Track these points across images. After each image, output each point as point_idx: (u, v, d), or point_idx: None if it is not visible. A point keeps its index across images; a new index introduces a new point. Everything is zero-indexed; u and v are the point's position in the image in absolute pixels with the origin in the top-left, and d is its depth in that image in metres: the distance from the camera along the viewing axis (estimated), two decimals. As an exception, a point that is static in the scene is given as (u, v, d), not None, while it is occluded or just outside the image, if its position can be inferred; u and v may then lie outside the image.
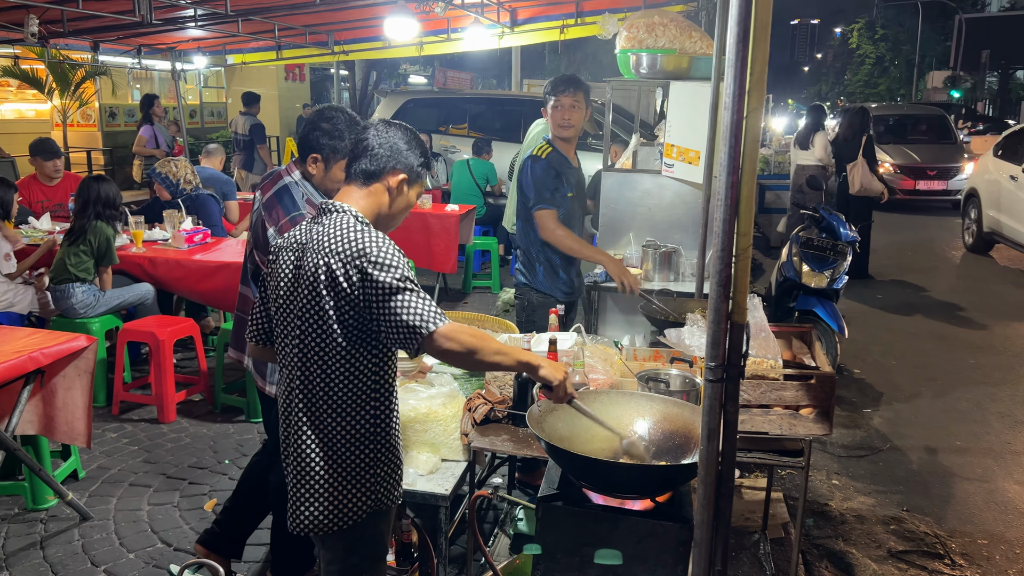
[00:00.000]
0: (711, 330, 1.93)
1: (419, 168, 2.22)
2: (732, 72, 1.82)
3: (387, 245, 2.00)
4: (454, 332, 1.96)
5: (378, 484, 2.13)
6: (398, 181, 2.16)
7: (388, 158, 2.16)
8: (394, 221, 2.27)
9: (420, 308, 1.94)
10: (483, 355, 2.00)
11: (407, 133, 2.23)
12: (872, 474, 4.47)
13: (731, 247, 1.90)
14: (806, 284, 5.58)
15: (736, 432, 2.00)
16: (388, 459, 2.16)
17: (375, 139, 2.17)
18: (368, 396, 2.08)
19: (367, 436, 2.10)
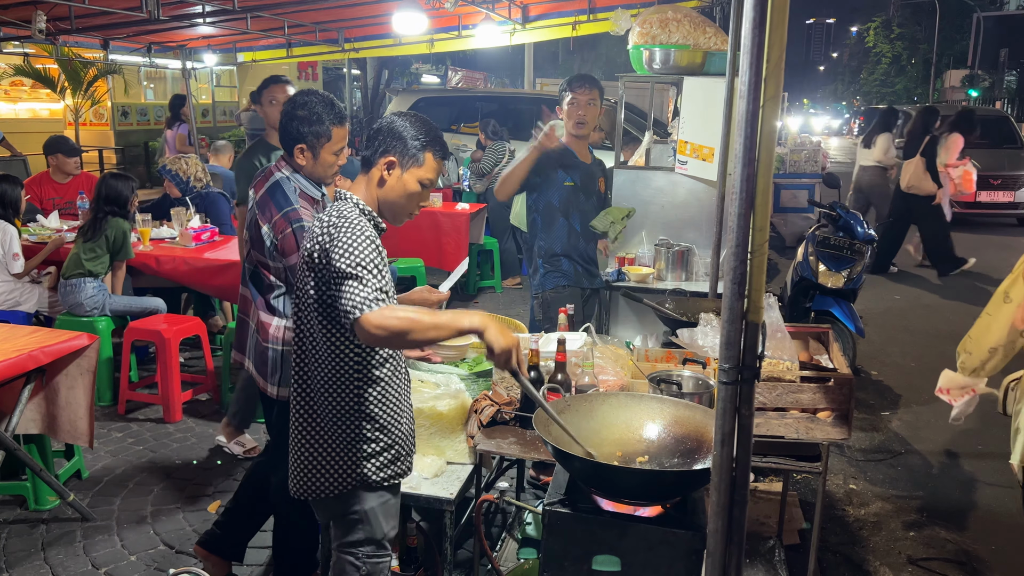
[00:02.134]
0: (725, 330, 1.84)
1: (414, 150, 2.21)
2: (748, 59, 1.73)
3: (355, 234, 2.07)
4: (380, 318, 1.98)
5: (363, 460, 2.23)
6: (385, 164, 2.20)
7: (379, 143, 2.21)
8: (397, 207, 2.27)
9: (357, 294, 2.00)
10: (417, 334, 2.01)
11: (408, 119, 2.24)
12: (891, 478, 4.35)
13: (747, 243, 1.80)
14: (822, 284, 5.46)
15: (751, 437, 1.91)
16: (376, 437, 2.24)
17: (375, 128, 2.25)
18: (350, 374, 2.18)
19: (349, 413, 2.19)
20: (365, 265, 2.04)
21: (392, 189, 2.21)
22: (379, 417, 2.23)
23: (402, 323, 1.99)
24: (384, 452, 2.26)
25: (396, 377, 2.31)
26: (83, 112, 11.76)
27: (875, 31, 50.47)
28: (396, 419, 2.29)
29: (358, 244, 2.06)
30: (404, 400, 2.36)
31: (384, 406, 2.25)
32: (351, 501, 2.26)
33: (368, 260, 2.05)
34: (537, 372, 2.89)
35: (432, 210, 7.31)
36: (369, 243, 2.08)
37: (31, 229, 5.73)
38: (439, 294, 3.08)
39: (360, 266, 2.03)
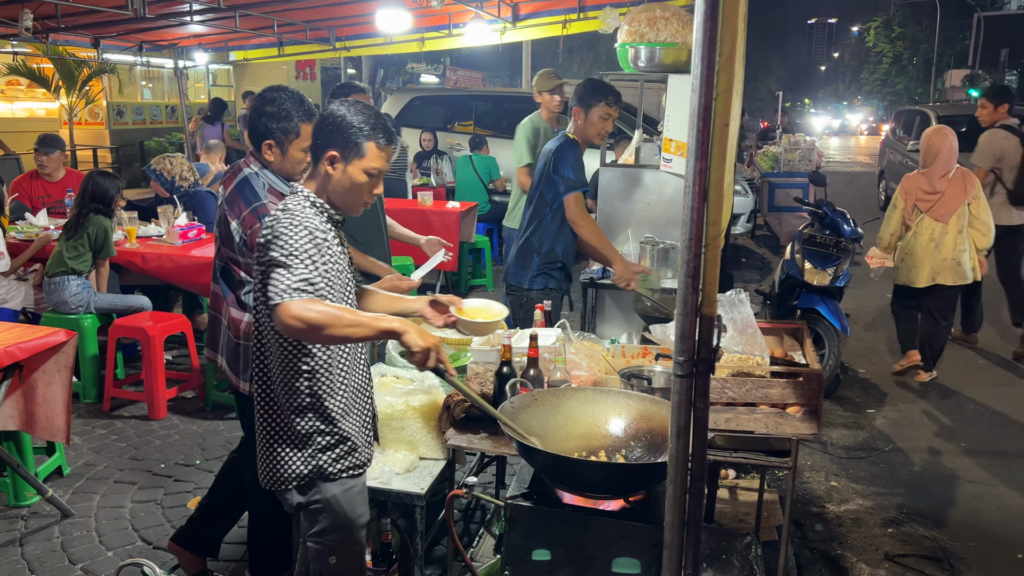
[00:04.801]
0: (679, 323, 1.85)
1: (355, 142, 2.17)
2: (699, 51, 1.74)
3: (293, 224, 2.07)
4: (299, 308, 1.97)
5: (318, 453, 2.23)
6: (328, 158, 2.19)
7: (320, 138, 2.20)
8: (347, 199, 2.24)
9: (281, 282, 2.00)
10: (334, 329, 1.99)
11: (348, 110, 2.19)
12: (872, 476, 4.35)
13: (700, 236, 1.81)
14: (808, 282, 5.46)
15: (707, 429, 1.92)
16: (330, 430, 2.23)
17: (317, 122, 2.25)
18: (298, 368, 2.17)
19: (300, 406, 2.19)
20: (296, 254, 2.03)
21: (339, 183, 2.19)
22: (331, 411, 2.23)
23: (320, 316, 1.97)
24: (339, 445, 2.26)
25: (349, 370, 2.29)
26: (78, 111, 11.77)
27: (875, 31, 50.44)
28: (349, 412, 2.28)
29: (293, 234, 2.05)
30: (360, 394, 2.35)
31: (336, 399, 2.24)
32: (312, 491, 2.27)
33: (300, 249, 2.05)
34: (509, 368, 2.90)
35: (422, 209, 7.32)
36: (305, 233, 2.07)
37: (19, 227, 5.74)
38: (409, 281, 3.09)
39: (291, 255, 2.03)
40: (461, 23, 7.39)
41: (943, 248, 5.37)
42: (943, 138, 5.39)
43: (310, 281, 2.03)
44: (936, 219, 5.36)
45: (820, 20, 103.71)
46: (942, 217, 5.34)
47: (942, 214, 5.34)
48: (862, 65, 60.45)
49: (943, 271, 5.42)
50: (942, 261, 5.38)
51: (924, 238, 5.41)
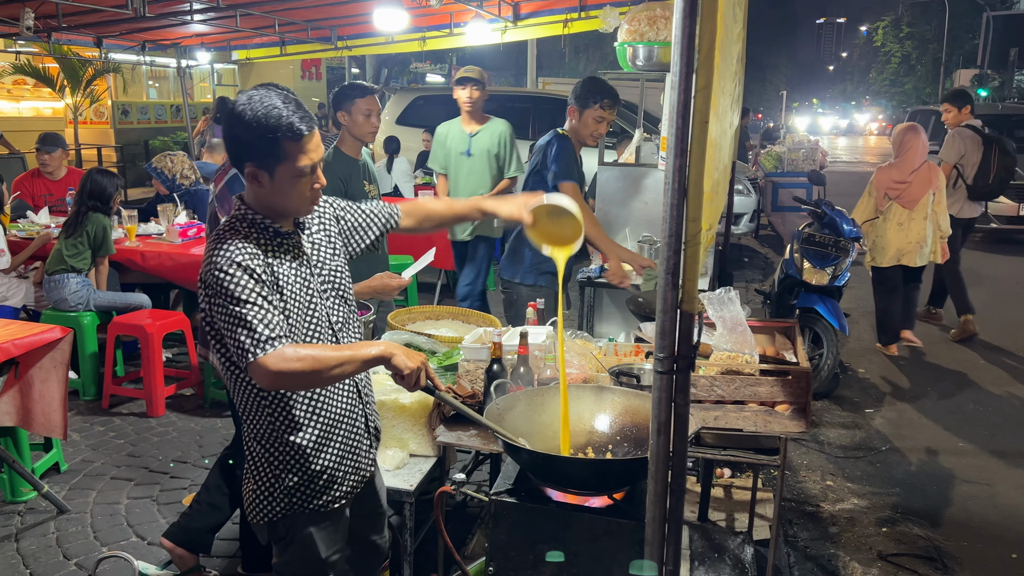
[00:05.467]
0: (659, 320, 1.85)
1: (271, 144, 1.90)
2: (678, 48, 1.74)
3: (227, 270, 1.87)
4: (277, 362, 1.84)
5: (292, 491, 2.08)
6: (249, 174, 1.96)
7: (232, 152, 1.98)
8: (290, 205, 2.01)
9: (245, 339, 1.84)
10: (318, 376, 1.89)
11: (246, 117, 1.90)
12: (868, 475, 4.35)
13: (680, 233, 1.81)
14: (807, 281, 5.45)
15: (687, 426, 1.92)
16: (299, 467, 2.06)
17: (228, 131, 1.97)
18: (256, 405, 2.04)
19: (267, 443, 2.06)
20: (245, 301, 1.86)
21: (272, 194, 1.97)
22: (301, 446, 2.05)
23: (304, 364, 1.85)
24: (312, 482, 2.08)
25: (323, 400, 2.10)
26: (83, 111, 11.84)
27: (884, 30, 50.25)
28: (326, 445, 2.10)
29: (232, 279, 1.86)
30: (343, 421, 2.15)
31: (305, 433, 2.06)
32: (283, 527, 2.13)
33: (246, 294, 1.87)
34: (499, 365, 2.91)
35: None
36: (242, 275, 1.87)
37: (20, 225, 5.78)
38: (400, 279, 3.08)
39: (239, 302, 1.86)
40: (462, 22, 7.40)
41: (909, 232, 5.93)
42: (916, 135, 5.97)
43: (270, 327, 1.86)
44: (904, 206, 5.93)
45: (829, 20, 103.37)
46: (909, 204, 5.90)
47: (909, 201, 5.90)
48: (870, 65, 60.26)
49: (908, 253, 5.96)
50: (907, 243, 5.95)
51: (892, 223, 5.98)
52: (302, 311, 2.03)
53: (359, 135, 3.98)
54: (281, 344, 1.87)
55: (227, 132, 1.96)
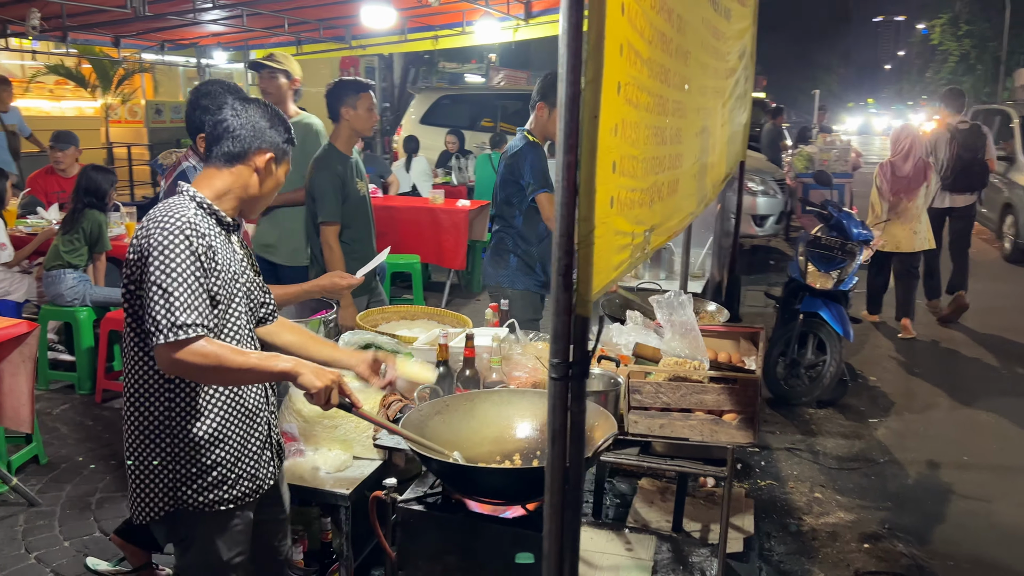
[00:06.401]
0: (553, 323, 1.77)
1: (284, 145, 2.12)
2: (565, 39, 1.66)
3: (169, 232, 1.87)
4: (183, 353, 1.81)
5: (179, 484, 2.02)
6: (266, 160, 2.07)
7: (252, 138, 2.05)
8: (262, 202, 2.17)
9: (164, 316, 1.82)
10: (217, 377, 1.89)
11: (267, 110, 2.10)
12: (861, 488, 4.17)
13: (571, 233, 1.73)
14: (811, 285, 5.27)
15: (583, 435, 1.83)
16: (192, 459, 2.01)
17: (235, 120, 2.05)
18: (157, 386, 1.99)
19: (158, 430, 2.00)
20: (176, 273, 1.84)
21: (267, 184, 2.10)
22: (196, 436, 2.00)
23: (207, 360, 1.83)
24: (203, 475, 2.02)
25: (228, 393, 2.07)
26: (117, 110, 12.11)
27: (941, 28, 48.84)
28: (224, 440, 2.05)
29: (171, 245, 1.86)
30: (249, 419, 2.12)
31: (202, 423, 2.01)
32: (177, 523, 2.07)
33: (180, 267, 1.85)
34: (446, 368, 2.85)
35: (432, 207, 7.30)
36: (184, 245, 1.87)
37: (28, 221, 5.89)
38: (350, 279, 3.04)
39: (171, 275, 1.84)
40: (474, 20, 7.35)
41: (905, 221, 6.47)
42: (910, 134, 6.61)
43: (193, 312, 1.84)
44: (903, 197, 6.45)
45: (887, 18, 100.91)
46: (908, 196, 6.44)
47: (907, 193, 6.44)
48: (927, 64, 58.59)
49: (904, 239, 6.49)
50: (902, 230, 6.49)
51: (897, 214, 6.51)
52: (228, 298, 2.03)
53: (362, 129, 3.96)
54: (195, 332, 1.84)
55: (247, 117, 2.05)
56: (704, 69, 3.09)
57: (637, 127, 2.07)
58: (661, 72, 2.27)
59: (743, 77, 4.80)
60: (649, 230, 2.34)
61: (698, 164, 3.05)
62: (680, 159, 2.73)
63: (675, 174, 2.66)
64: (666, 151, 2.48)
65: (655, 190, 2.37)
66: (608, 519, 3.79)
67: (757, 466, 4.37)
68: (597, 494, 3.83)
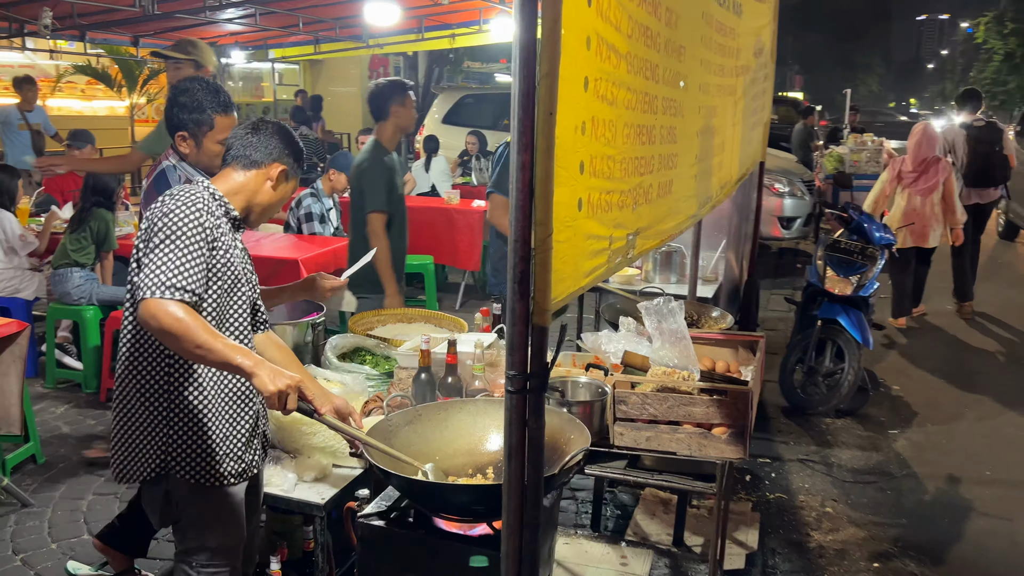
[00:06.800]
0: (508, 333, 1.67)
1: (295, 165, 2.29)
2: (519, 30, 1.56)
3: (184, 204, 2.00)
4: (158, 308, 1.88)
5: (170, 447, 2.10)
6: (279, 172, 2.23)
7: (272, 149, 2.23)
8: (266, 212, 2.31)
9: (157, 275, 1.90)
10: (181, 343, 1.89)
11: (289, 133, 2.30)
12: (876, 503, 4.00)
13: (527, 238, 1.62)
14: (829, 290, 5.09)
15: (541, 452, 1.73)
16: (184, 424, 2.10)
17: (263, 133, 2.25)
18: (156, 351, 2.08)
19: (154, 393, 2.09)
20: (181, 238, 1.96)
21: (277, 193, 2.27)
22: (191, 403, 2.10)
23: (177, 325, 1.87)
24: (191, 442, 2.11)
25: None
26: (143, 109, 12.22)
27: (986, 26, 47.69)
28: (216, 416, 2.15)
29: (183, 213, 1.99)
30: (240, 402, 2.22)
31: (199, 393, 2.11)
32: (169, 491, 2.16)
33: (187, 233, 1.97)
34: (428, 374, 2.75)
35: (447, 207, 7.22)
36: (195, 217, 2.00)
37: (42, 220, 5.91)
38: (333, 280, 2.96)
39: (176, 238, 1.95)
40: (490, 18, 7.25)
41: (920, 217, 6.55)
42: (924, 133, 6.57)
43: (186, 279, 1.93)
44: (915, 193, 6.53)
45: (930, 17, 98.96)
46: (923, 193, 6.50)
47: (922, 190, 6.50)
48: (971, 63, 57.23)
49: (920, 236, 6.56)
50: (919, 227, 6.58)
51: (906, 208, 6.58)
52: (229, 288, 2.14)
53: (406, 126, 4.18)
54: (181, 296, 1.91)
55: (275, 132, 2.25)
56: (705, 66, 2.95)
57: (613, 125, 1.95)
58: (646, 68, 2.14)
59: (761, 75, 4.63)
60: (633, 234, 2.22)
61: (699, 165, 2.91)
62: (675, 159, 2.60)
63: (668, 175, 2.53)
64: (655, 151, 2.35)
65: (640, 192, 2.25)
66: (607, 531, 3.68)
67: (767, 478, 4.22)
68: (596, 505, 3.72)
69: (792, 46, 46.45)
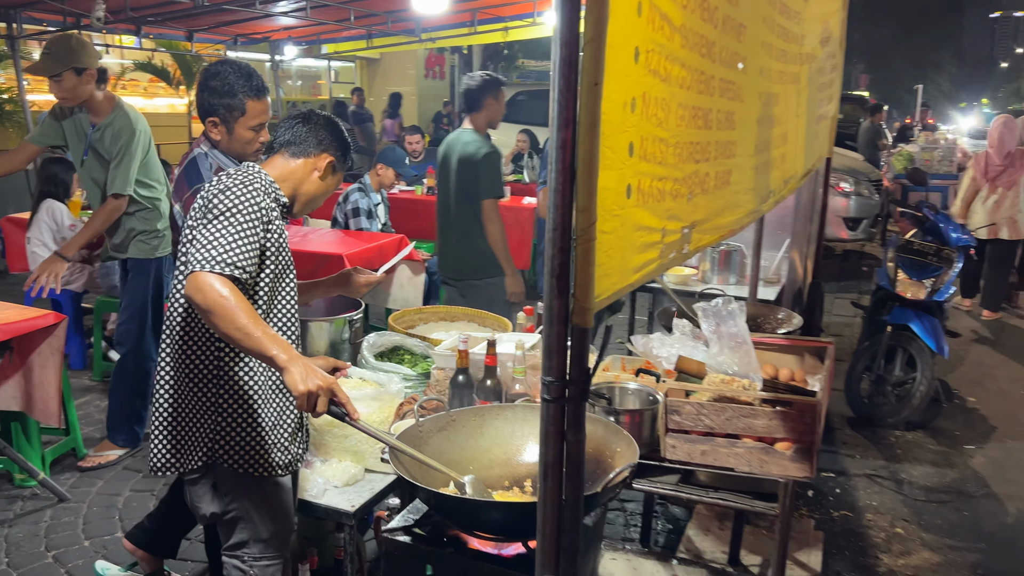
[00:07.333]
0: (545, 335, 1.49)
1: (343, 158, 2.26)
2: (560, -10, 1.37)
3: (244, 182, 1.97)
4: (205, 282, 1.81)
5: (218, 436, 2.05)
6: (327, 163, 2.20)
7: (322, 140, 2.19)
8: (310, 203, 2.26)
9: (210, 245, 1.85)
10: (220, 322, 1.79)
11: (337, 127, 2.25)
12: (952, 525, 3.70)
13: (566, 226, 1.44)
14: (901, 294, 4.77)
15: (582, 468, 1.54)
16: (235, 411, 2.04)
17: (314, 123, 2.20)
18: (206, 337, 2.03)
19: (204, 379, 2.04)
20: (239, 213, 1.91)
21: (324, 184, 2.23)
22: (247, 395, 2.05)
23: (219, 303, 1.79)
24: (240, 429, 2.05)
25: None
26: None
27: (1064, 22, 45.73)
28: (267, 404, 2.09)
29: (243, 190, 1.95)
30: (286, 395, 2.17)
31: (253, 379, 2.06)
32: (217, 481, 2.11)
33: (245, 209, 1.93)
34: (466, 376, 2.58)
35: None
36: (253, 196, 1.96)
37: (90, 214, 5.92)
38: (369, 276, 2.81)
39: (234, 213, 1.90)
40: (544, 10, 7.06)
41: (1003, 208, 6.70)
42: (1006, 127, 6.75)
43: (238, 255, 1.87)
44: (999, 185, 6.69)
45: (1005, 14, 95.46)
46: (1004, 184, 6.67)
47: (1005, 182, 6.68)
48: (1047, 61, 54.89)
49: (1002, 227, 6.70)
50: (1001, 218, 6.71)
51: (990, 201, 6.75)
52: (279, 273, 2.10)
53: (497, 118, 4.21)
54: (231, 271, 1.85)
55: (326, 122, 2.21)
56: (767, 49, 2.73)
57: (666, 104, 1.75)
58: (702, 44, 1.94)
59: (828, 65, 4.36)
60: (689, 227, 2.01)
61: (758, 156, 2.69)
62: (733, 147, 2.39)
63: (726, 164, 2.31)
64: (711, 136, 2.14)
65: (696, 181, 2.04)
66: (657, 546, 3.46)
67: (831, 493, 3.94)
68: (646, 518, 3.50)
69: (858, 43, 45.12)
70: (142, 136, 3.84)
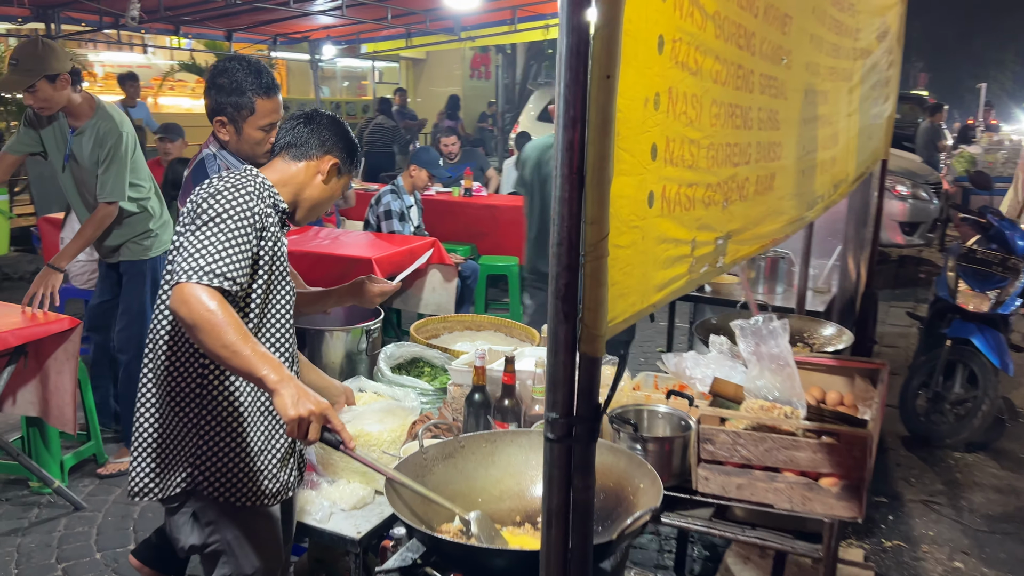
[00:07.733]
0: (549, 363, 1.30)
1: (348, 160, 2.11)
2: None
3: (235, 187, 1.85)
4: (191, 295, 1.67)
5: (198, 459, 1.90)
6: (330, 166, 2.06)
7: (324, 141, 2.05)
8: (314, 209, 2.11)
9: (197, 254, 1.72)
10: (206, 338, 1.65)
11: (342, 127, 2.12)
12: (1016, 560, 3.41)
13: (574, 241, 1.25)
14: (962, 307, 4.46)
15: (590, 517, 1.35)
16: (218, 435, 1.90)
17: (316, 123, 2.06)
18: (192, 356, 1.90)
19: (188, 396, 1.90)
20: (228, 220, 1.78)
21: (327, 188, 2.09)
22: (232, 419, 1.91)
23: (206, 317, 1.65)
24: (223, 453, 1.91)
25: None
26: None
27: None
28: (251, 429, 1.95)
29: (234, 194, 1.83)
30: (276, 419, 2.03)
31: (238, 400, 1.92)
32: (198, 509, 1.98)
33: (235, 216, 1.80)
34: (483, 395, 2.40)
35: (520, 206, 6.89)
36: (244, 200, 1.83)
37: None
38: (384, 284, 2.64)
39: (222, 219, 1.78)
40: (587, 7, 6.85)
41: None
42: None
43: (227, 265, 1.74)
44: None
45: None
46: None
47: None
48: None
49: None
50: None
51: None
52: (272, 282, 1.98)
53: None
54: (219, 283, 1.72)
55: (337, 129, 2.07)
56: (817, 43, 2.50)
57: (697, 101, 1.55)
58: (739, 34, 1.73)
59: (885, 62, 4.08)
60: (724, 237, 1.81)
61: (804, 159, 2.46)
62: (777, 149, 2.17)
63: (769, 168, 2.10)
64: (752, 137, 1.93)
65: (733, 186, 1.84)
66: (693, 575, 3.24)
67: (883, 520, 3.67)
68: (681, 544, 3.28)
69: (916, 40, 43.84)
70: (128, 138, 3.67)
